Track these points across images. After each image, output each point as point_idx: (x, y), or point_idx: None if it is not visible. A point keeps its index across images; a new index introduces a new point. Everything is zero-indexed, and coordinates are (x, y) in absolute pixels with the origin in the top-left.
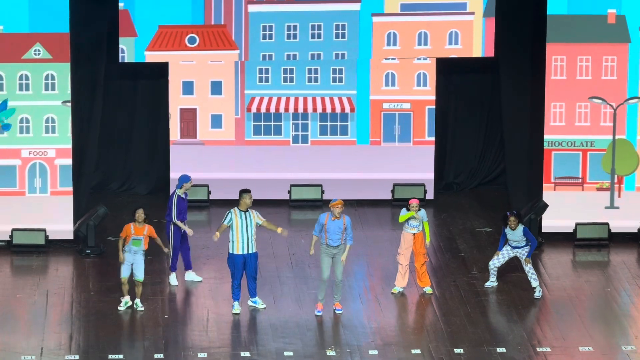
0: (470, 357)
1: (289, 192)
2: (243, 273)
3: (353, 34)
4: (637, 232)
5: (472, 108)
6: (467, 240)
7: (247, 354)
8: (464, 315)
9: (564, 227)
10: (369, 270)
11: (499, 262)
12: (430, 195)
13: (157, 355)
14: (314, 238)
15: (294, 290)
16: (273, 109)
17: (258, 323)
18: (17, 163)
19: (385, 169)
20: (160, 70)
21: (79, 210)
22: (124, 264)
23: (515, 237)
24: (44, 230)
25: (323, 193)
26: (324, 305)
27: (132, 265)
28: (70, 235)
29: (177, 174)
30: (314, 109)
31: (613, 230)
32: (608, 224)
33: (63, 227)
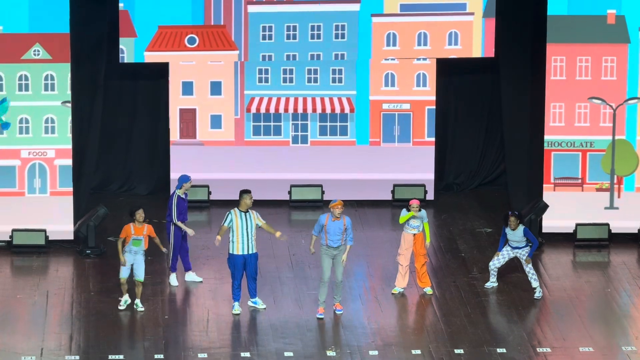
0: (471, 357)
1: (289, 192)
2: (243, 273)
3: (353, 35)
4: (637, 232)
5: (472, 108)
6: (467, 241)
7: (247, 355)
8: (464, 316)
9: (564, 227)
10: (369, 271)
11: (499, 262)
12: (431, 196)
13: (157, 356)
14: (313, 237)
15: (294, 291)
16: (273, 110)
17: (258, 323)
18: (16, 163)
19: (385, 170)
20: (161, 71)
21: (79, 211)
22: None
23: (516, 237)
24: (44, 231)
25: (323, 193)
26: (325, 307)
27: (132, 266)
28: (71, 236)
29: (177, 175)
30: (314, 110)
31: (612, 231)
32: (608, 225)
33: (63, 227)
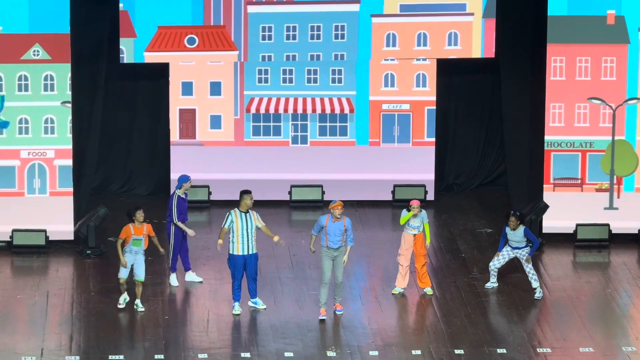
0: (471, 358)
1: (290, 192)
2: (243, 274)
3: (352, 35)
4: (637, 233)
5: (472, 109)
6: (467, 241)
7: (247, 355)
8: (465, 316)
9: (565, 228)
10: (370, 271)
11: (499, 263)
12: (431, 196)
13: (157, 356)
14: (313, 237)
15: (295, 291)
16: (272, 110)
17: (258, 324)
18: (16, 164)
19: (386, 170)
20: (161, 71)
21: (80, 211)
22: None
23: (516, 237)
24: (45, 231)
25: (323, 194)
26: (326, 309)
27: (132, 266)
28: (71, 236)
29: (177, 175)
30: (313, 110)
31: (612, 231)
32: (609, 225)
33: (63, 227)
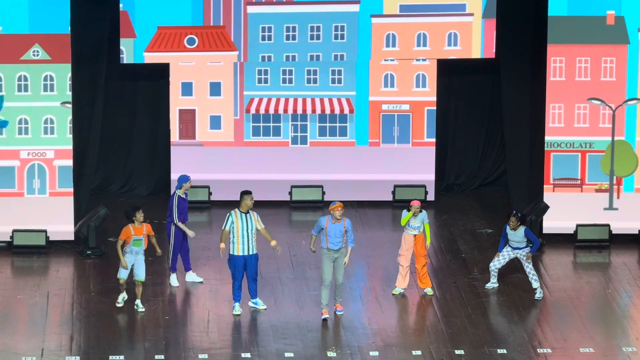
0: (471, 358)
1: (290, 193)
2: (244, 274)
3: (352, 35)
4: (637, 233)
5: (472, 109)
6: (468, 242)
7: (247, 355)
8: (465, 317)
9: (565, 228)
10: (370, 272)
11: (500, 263)
12: (431, 197)
13: (157, 357)
14: (313, 237)
15: (295, 292)
16: (272, 110)
17: (259, 324)
18: (15, 164)
19: (386, 170)
20: (161, 71)
21: (80, 212)
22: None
23: (517, 237)
24: (45, 231)
25: (324, 194)
26: (328, 310)
27: (132, 266)
28: (71, 237)
29: (177, 175)
30: (313, 110)
31: (612, 232)
32: (609, 226)
33: (63, 228)
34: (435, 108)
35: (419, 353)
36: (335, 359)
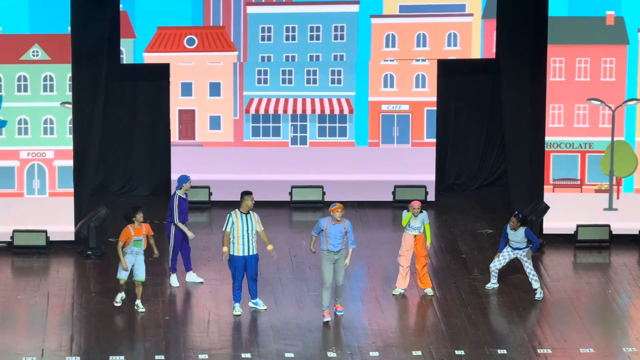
0: (471, 358)
1: (290, 193)
2: (244, 274)
3: (352, 36)
4: (638, 234)
5: (473, 109)
6: (468, 242)
7: (248, 356)
8: (465, 317)
9: (565, 228)
10: (370, 272)
11: (500, 263)
12: (432, 197)
13: (158, 357)
14: (313, 238)
15: (295, 292)
16: (272, 111)
17: (259, 324)
18: (15, 164)
19: (386, 171)
20: (162, 72)
21: (80, 212)
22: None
23: (517, 237)
24: (45, 232)
25: (324, 194)
26: (329, 311)
27: (131, 266)
28: (71, 237)
29: (177, 176)
30: (313, 111)
31: (612, 232)
32: (609, 226)
33: (62, 228)
34: (436, 108)
35: (419, 353)
36: (336, 359)
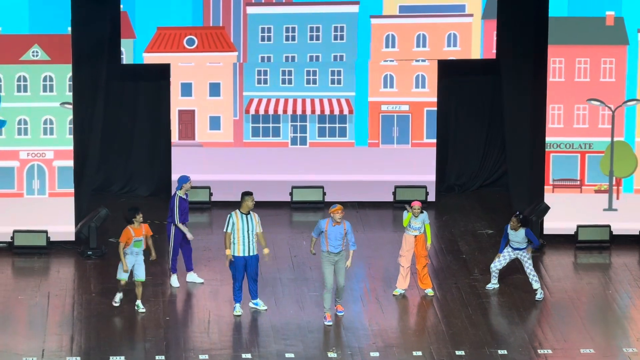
0: (472, 359)
1: (291, 194)
2: (244, 275)
3: (351, 36)
4: (638, 234)
5: (473, 110)
6: (468, 242)
7: (248, 356)
8: (465, 317)
9: (565, 229)
10: (370, 272)
11: (501, 264)
12: (432, 197)
13: (158, 357)
14: (313, 239)
15: (295, 292)
16: (272, 111)
17: (259, 325)
18: (15, 164)
19: (386, 171)
20: (162, 72)
21: (81, 212)
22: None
23: (517, 238)
24: (46, 232)
25: (324, 195)
26: (331, 313)
27: (132, 267)
28: (72, 237)
29: (178, 176)
30: (313, 111)
31: (613, 233)
32: (610, 226)
33: (62, 228)
34: (436, 109)
35: (420, 354)
36: None
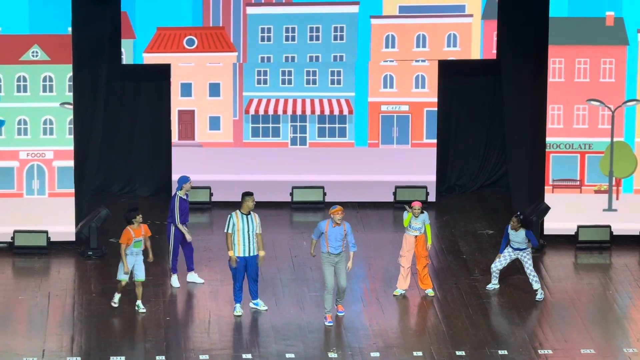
0: (472, 359)
1: (291, 194)
2: (244, 275)
3: (351, 36)
4: (638, 234)
5: (473, 110)
6: (469, 243)
7: (248, 356)
8: (466, 318)
9: (566, 229)
10: (371, 273)
11: (501, 264)
12: (432, 198)
13: (158, 357)
14: (313, 241)
15: (296, 293)
16: (271, 111)
17: (260, 325)
18: (15, 165)
19: (386, 171)
20: (162, 72)
21: (81, 212)
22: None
23: (518, 238)
24: (46, 232)
25: (325, 195)
26: (332, 315)
27: (132, 267)
28: (72, 237)
29: (178, 176)
30: (312, 111)
31: (613, 233)
32: (610, 227)
33: (63, 229)
34: (436, 109)
35: (420, 354)
36: None
